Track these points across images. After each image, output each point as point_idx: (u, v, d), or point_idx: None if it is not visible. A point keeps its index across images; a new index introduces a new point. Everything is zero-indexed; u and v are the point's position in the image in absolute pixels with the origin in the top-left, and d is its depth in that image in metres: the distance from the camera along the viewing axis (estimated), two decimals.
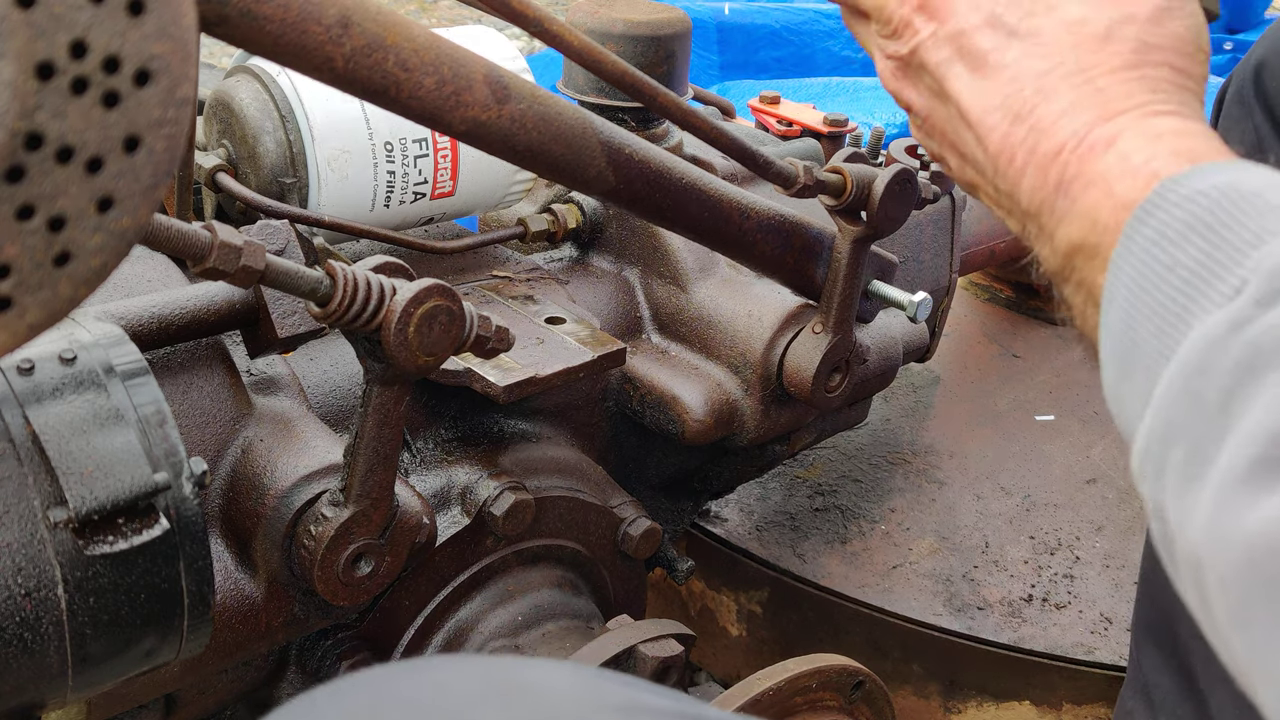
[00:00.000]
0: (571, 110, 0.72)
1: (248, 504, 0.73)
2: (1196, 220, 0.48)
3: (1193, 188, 0.49)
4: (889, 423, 1.53)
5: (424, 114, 0.64)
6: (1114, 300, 0.51)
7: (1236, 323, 0.44)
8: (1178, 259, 0.48)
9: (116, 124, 0.40)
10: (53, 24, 0.37)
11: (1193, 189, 0.49)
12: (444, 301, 0.66)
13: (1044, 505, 1.39)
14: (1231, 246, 0.46)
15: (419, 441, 0.91)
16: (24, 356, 0.59)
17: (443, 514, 0.88)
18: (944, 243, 1.29)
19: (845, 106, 2.33)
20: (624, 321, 1.05)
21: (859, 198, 0.87)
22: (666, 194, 0.79)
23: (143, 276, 0.78)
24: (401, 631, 0.89)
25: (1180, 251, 0.48)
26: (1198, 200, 0.49)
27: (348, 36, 0.58)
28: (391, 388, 0.69)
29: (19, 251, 0.39)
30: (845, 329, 0.95)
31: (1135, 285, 0.49)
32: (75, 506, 0.56)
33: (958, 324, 1.76)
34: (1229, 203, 0.48)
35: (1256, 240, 0.46)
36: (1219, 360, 0.44)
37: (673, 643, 0.88)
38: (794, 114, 1.35)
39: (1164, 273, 0.48)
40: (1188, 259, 0.47)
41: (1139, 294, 0.49)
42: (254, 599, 0.74)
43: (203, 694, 0.83)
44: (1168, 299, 0.47)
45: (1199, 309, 0.46)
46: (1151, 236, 0.49)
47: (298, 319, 0.74)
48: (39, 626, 0.57)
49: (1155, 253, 0.49)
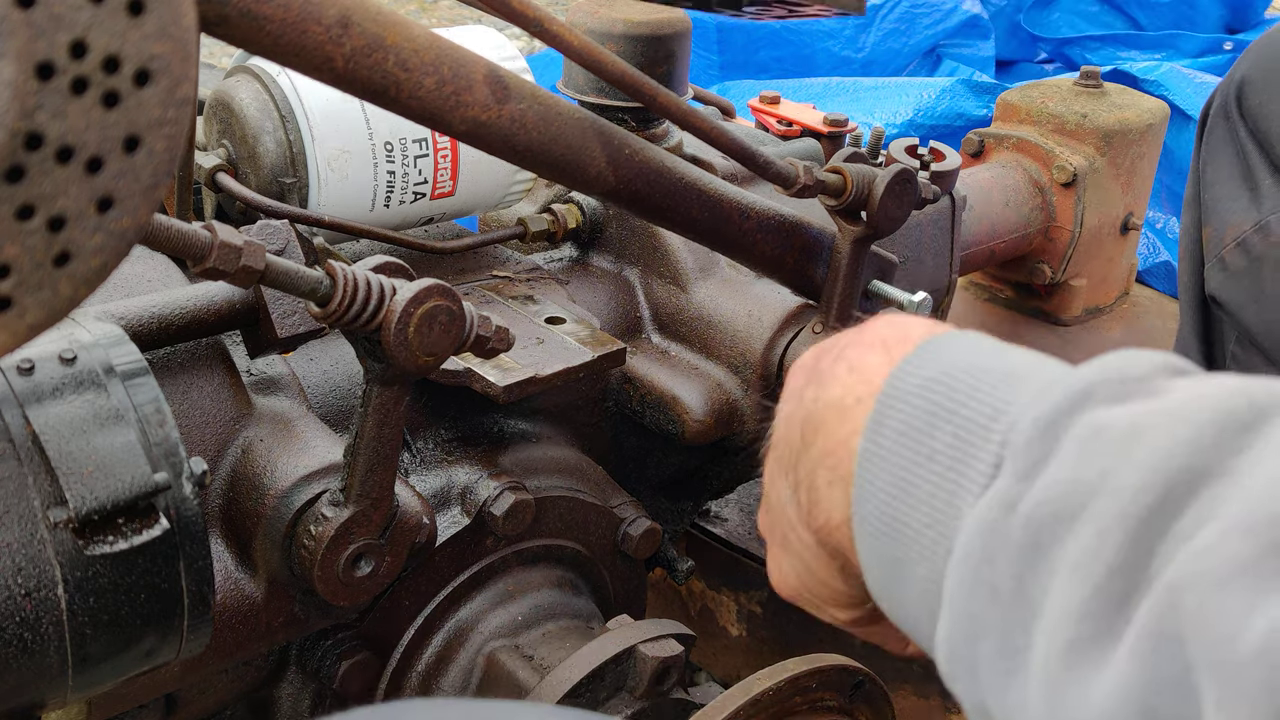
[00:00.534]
0: (571, 110, 0.72)
1: (248, 504, 0.73)
2: (938, 407, 0.48)
3: (923, 375, 0.50)
4: None
5: (424, 114, 0.64)
6: (869, 495, 0.50)
7: (1007, 503, 0.44)
8: (933, 448, 0.48)
9: (116, 124, 0.40)
10: (53, 24, 0.37)
11: (924, 376, 0.50)
12: (444, 301, 0.66)
13: None
14: (977, 425, 0.47)
15: (419, 441, 0.91)
16: (24, 356, 0.59)
17: (443, 514, 0.88)
18: (944, 243, 1.29)
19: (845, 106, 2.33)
20: (624, 321, 1.05)
21: (859, 198, 0.87)
22: (666, 194, 0.79)
23: (143, 276, 0.78)
24: (401, 631, 0.89)
25: (932, 440, 0.48)
26: (933, 388, 0.49)
27: (348, 36, 0.58)
28: (391, 388, 0.69)
29: (19, 251, 0.39)
30: (846, 329, 0.95)
31: (894, 479, 0.49)
32: (75, 506, 0.56)
33: (958, 324, 1.75)
34: (960, 382, 0.48)
35: (995, 413, 0.46)
36: (1002, 546, 0.43)
37: (673, 643, 0.88)
38: (794, 114, 1.35)
39: (924, 462, 0.48)
40: (942, 445, 0.47)
41: (900, 487, 0.49)
42: (254, 599, 0.74)
43: (203, 694, 0.83)
44: (933, 488, 0.47)
45: (965, 493, 0.46)
46: (899, 429, 0.50)
47: (298, 319, 0.74)
48: (39, 626, 0.57)
49: (908, 444, 0.49)
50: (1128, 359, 0.45)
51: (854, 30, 2.83)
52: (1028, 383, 0.47)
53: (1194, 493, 0.37)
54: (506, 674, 0.88)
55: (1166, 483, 0.38)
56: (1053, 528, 0.41)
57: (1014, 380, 0.47)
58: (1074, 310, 1.77)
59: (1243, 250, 1.00)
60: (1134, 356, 0.45)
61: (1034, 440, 0.44)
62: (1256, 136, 0.97)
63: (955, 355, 0.50)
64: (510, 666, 0.88)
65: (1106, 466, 0.40)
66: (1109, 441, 0.41)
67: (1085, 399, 0.44)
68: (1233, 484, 0.37)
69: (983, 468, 0.45)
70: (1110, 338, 1.77)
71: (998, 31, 3.02)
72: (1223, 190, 0.99)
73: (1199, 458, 0.38)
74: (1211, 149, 1.01)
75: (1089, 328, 1.78)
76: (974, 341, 0.51)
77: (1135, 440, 0.40)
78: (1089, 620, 0.38)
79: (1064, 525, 0.41)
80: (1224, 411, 0.39)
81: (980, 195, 1.58)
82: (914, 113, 2.34)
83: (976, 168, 1.67)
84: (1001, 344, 0.51)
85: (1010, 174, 1.65)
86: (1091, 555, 0.39)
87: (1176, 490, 0.38)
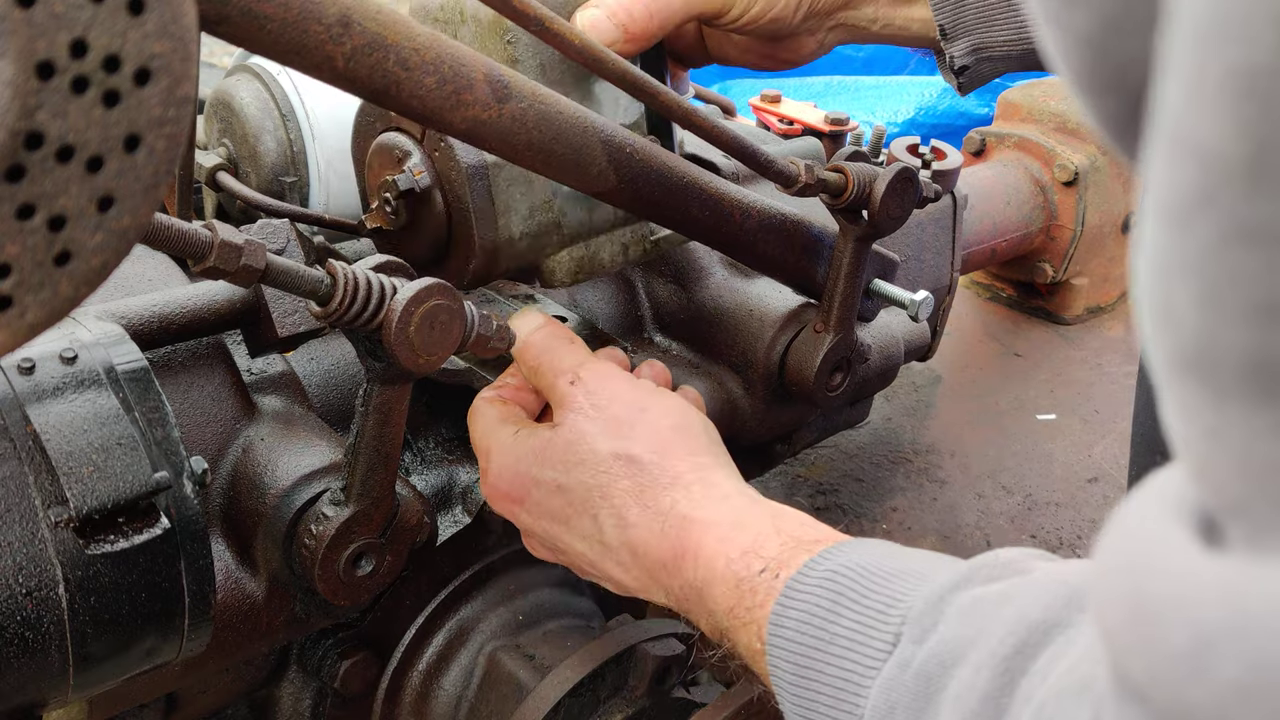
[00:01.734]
0: (572, 109, 0.72)
1: (248, 503, 0.73)
2: (840, 597, 0.58)
3: (823, 570, 0.60)
4: (890, 422, 1.53)
5: (424, 113, 0.64)
6: (779, 672, 0.60)
7: (904, 663, 0.53)
8: (835, 632, 0.57)
9: (117, 123, 0.40)
10: (53, 23, 0.37)
11: (824, 571, 0.60)
12: (445, 300, 0.66)
13: (1045, 504, 1.39)
14: (876, 611, 0.56)
15: (420, 440, 0.90)
16: (25, 355, 0.59)
17: (444, 513, 0.88)
18: (945, 241, 1.29)
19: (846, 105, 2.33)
20: (625, 320, 1.05)
21: (860, 196, 0.87)
22: (667, 193, 0.79)
23: (143, 275, 0.78)
24: (403, 631, 0.89)
25: (834, 626, 0.57)
26: (835, 580, 0.59)
27: (348, 35, 0.58)
28: (392, 387, 0.69)
29: (19, 251, 0.39)
30: (846, 328, 0.95)
31: (798, 662, 0.58)
32: (76, 506, 0.56)
33: (959, 323, 1.76)
34: (860, 579, 0.58)
35: (893, 601, 0.56)
36: (900, 697, 0.52)
37: (674, 642, 0.88)
38: (795, 112, 1.35)
39: (826, 645, 0.57)
40: (843, 630, 0.57)
41: (805, 670, 0.58)
42: (255, 598, 0.74)
43: (204, 693, 0.83)
44: (836, 669, 0.56)
45: (866, 669, 0.55)
46: (801, 618, 0.59)
47: (298, 318, 0.74)
48: (40, 626, 0.57)
49: (810, 630, 0.58)
50: (1001, 552, 0.56)
51: None
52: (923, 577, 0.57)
53: (1049, 639, 0.46)
54: (507, 673, 0.88)
55: (1028, 630, 0.47)
56: (939, 676, 0.50)
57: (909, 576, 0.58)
58: (1075, 309, 1.77)
59: None
60: (1007, 551, 0.56)
61: (925, 613, 0.53)
62: None
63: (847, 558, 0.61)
64: (511, 666, 0.88)
65: (982, 625, 0.50)
66: (985, 606, 0.51)
67: (967, 580, 0.54)
68: (1079, 632, 0.45)
69: (882, 645, 0.55)
70: (1112, 337, 1.77)
71: None
72: None
73: (1052, 613, 0.47)
74: None
75: (1090, 327, 1.78)
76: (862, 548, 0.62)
77: (1005, 603, 0.50)
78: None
79: (948, 670, 0.50)
80: (1073, 584, 0.48)
81: (982, 194, 1.58)
82: (915, 111, 2.34)
83: (978, 166, 1.67)
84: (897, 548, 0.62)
85: (1012, 173, 1.65)
86: (968, 687, 0.47)
87: (1034, 636, 0.46)
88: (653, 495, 0.71)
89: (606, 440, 0.74)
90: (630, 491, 0.72)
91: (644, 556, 0.70)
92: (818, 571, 0.60)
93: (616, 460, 0.73)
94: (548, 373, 0.79)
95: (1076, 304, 1.76)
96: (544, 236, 0.82)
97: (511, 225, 0.80)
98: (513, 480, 0.76)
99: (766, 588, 0.62)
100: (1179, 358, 0.27)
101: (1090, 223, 1.66)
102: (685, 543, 0.68)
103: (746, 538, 0.66)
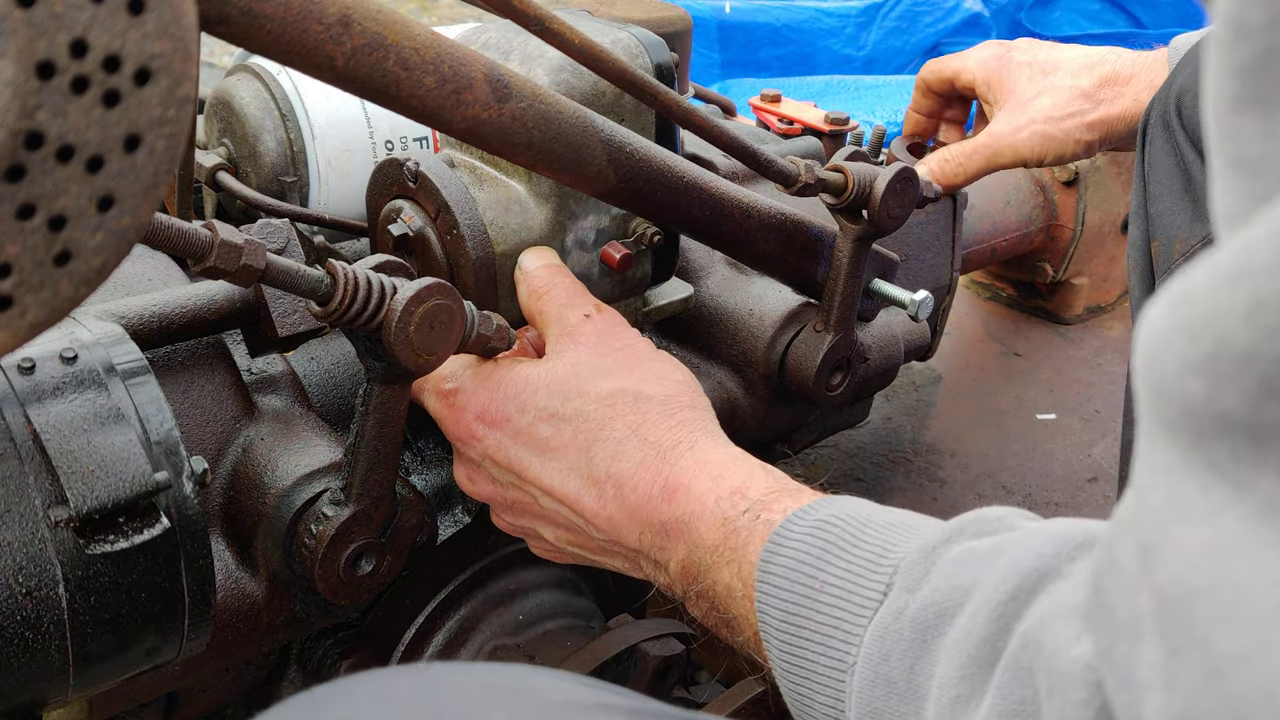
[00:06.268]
0: (572, 109, 0.72)
1: (248, 503, 0.73)
2: (831, 545, 0.58)
3: (812, 519, 0.60)
4: (890, 421, 1.53)
5: (424, 113, 0.64)
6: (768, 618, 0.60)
7: (897, 611, 0.53)
8: (825, 580, 0.57)
9: (117, 123, 0.40)
10: (53, 23, 0.37)
11: (813, 520, 0.60)
12: (445, 300, 0.66)
13: (1045, 504, 1.39)
14: (867, 561, 0.57)
15: (420, 440, 0.90)
16: (25, 355, 0.59)
17: (444, 513, 0.88)
18: (945, 241, 1.29)
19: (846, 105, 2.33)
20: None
21: (860, 196, 0.87)
22: (667, 192, 0.79)
23: (143, 275, 0.78)
24: (403, 630, 0.89)
25: (823, 573, 0.58)
26: (825, 529, 0.59)
27: (348, 35, 0.58)
28: (392, 386, 0.69)
29: (20, 251, 0.39)
30: (847, 327, 0.95)
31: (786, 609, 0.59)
32: (76, 505, 0.56)
33: (959, 322, 1.76)
34: (850, 527, 0.59)
35: (884, 551, 0.57)
36: (895, 644, 0.53)
37: (674, 642, 0.88)
38: (795, 112, 1.35)
39: (815, 594, 0.58)
40: (833, 578, 0.57)
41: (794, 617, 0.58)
42: (255, 598, 0.74)
43: (204, 692, 0.83)
44: (826, 616, 0.57)
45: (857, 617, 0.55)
46: (789, 564, 0.59)
47: (298, 318, 0.74)
48: (40, 625, 0.57)
49: (799, 578, 0.59)
50: (988, 509, 0.57)
51: (855, 28, 2.83)
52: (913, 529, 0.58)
53: (1041, 586, 0.48)
54: None
55: (1020, 578, 0.48)
56: (936, 624, 0.51)
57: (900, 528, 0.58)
58: (1076, 309, 1.77)
59: None
60: (994, 509, 0.57)
61: (917, 563, 0.54)
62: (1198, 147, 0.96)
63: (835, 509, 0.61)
64: None
65: (977, 574, 0.51)
66: (978, 558, 0.52)
67: (959, 533, 0.55)
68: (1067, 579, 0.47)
69: (873, 594, 0.55)
70: (1112, 337, 1.77)
71: (999, 30, 3.02)
72: (1166, 203, 0.99)
73: (1044, 561, 0.48)
74: (1152, 161, 1.01)
75: (1090, 327, 1.78)
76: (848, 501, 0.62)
77: (997, 554, 0.51)
78: (966, 681, 0.48)
79: (946, 620, 0.51)
80: (1063, 535, 0.49)
81: (982, 194, 1.58)
82: None
83: None
84: None
85: (1012, 172, 1.65)
86: (965, 633, 0.49)
87: (1028, 583, 0.48)
88: (654, 431, 0.71)
89: (613, 377, 0.74)
90: (631, 426, 0.72)
91: (630, 491, 0.70)
92: (807, 520, 0.61)
93: (623, 395, 0.73)
94: (559, 301, 0.78)
95: (1076, 304, 1.76)
96: None
97: (513, 309, 0.82)
98: (489, 401, 0.74)
99: (748, 529, 0.63)
100: None
101: (1090, 222, 1.66)
102: (679, 477, 0.68)
103: (737, 477, 0.67)
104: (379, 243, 0.82)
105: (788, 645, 0.58)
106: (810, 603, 0.57)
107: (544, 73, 0.79)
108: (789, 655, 0.58)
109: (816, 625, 0.57)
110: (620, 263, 0.84)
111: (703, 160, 1.08)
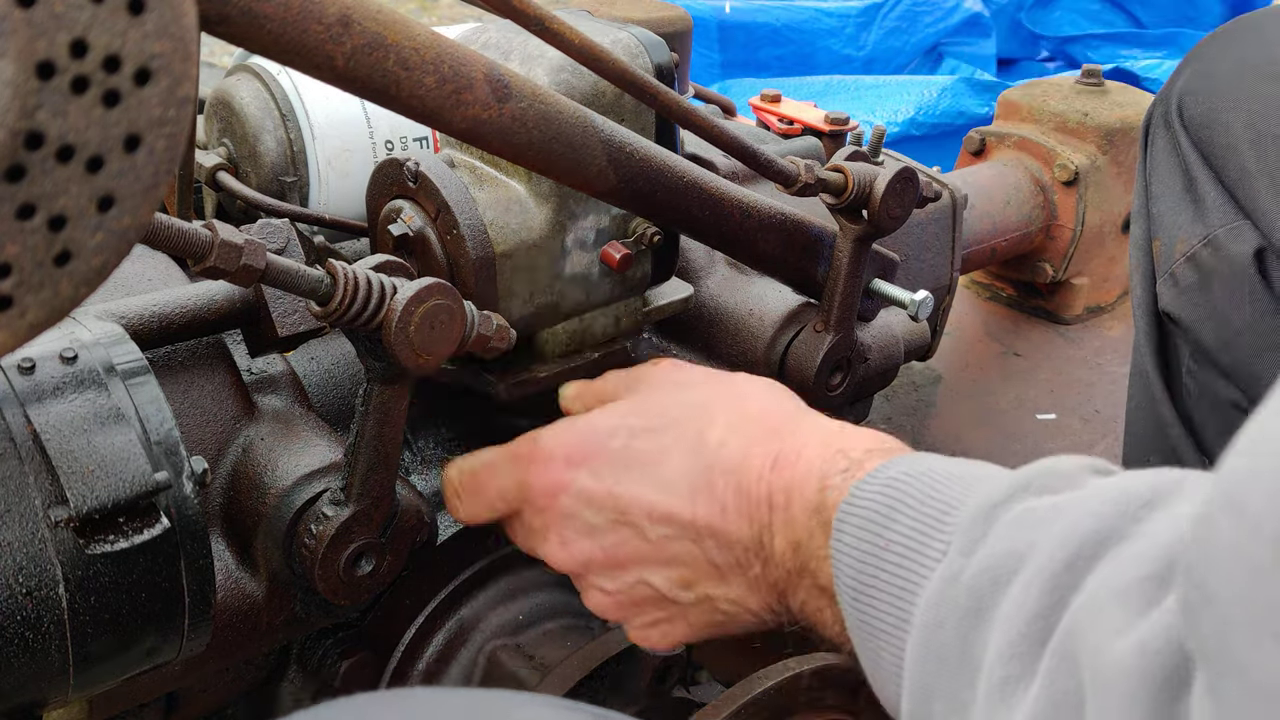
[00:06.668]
0: (572, 109, 0.72)
1: (248, 503, 0.73)
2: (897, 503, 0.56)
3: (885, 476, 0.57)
4: (890, 421, 1.53)
5: (424, 113, 0.64)
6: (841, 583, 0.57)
7: (951, 576, 0.50)
8: (890, 538, 0.55)
9: (117, 123, 0.40)
10: (53, 23, 0.37)
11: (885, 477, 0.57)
12: (445, 300, 0.66)
13: None
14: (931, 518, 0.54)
15: (420, 440, 0.91)
16: (25, 355, 0.59)
17: (444, 513, 0.88)
18: (945, 241, 1.29)
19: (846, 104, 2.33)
20: None
21: (860, 196, 0.87)
22: (667, 192, 0.79)
23: (143, 275, 0.78)
24: (403, 631, 0.89)
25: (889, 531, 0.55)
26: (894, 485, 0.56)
27: (348, 35, 0.58)
28: (392, 386, 0.69)
29: (19, 251, 0.39)
30: (846, 327, 0.95)
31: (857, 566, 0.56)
32: (76, 505, 0.56)
33: (959, 322, 1.76)
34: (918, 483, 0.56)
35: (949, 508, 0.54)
36: (950, 612, 0.50)
37: None
38: (795, 112, 1.35)
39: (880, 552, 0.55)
40: (898, 536, 0.54)
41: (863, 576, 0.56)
42: (255, 598, 0.74)
43: (204, 692, 0.83)
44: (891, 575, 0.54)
45: (920, 577, 0.53)
46: (859, 523, 0.57)
47: (298, 318, 0.74)
48: (40, 625, 0.57)
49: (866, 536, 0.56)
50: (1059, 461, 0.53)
51: (855, 28, 2.83)
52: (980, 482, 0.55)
53: (1101, 553, 0.44)
54: (507, 673, 0.88)
55: (1079, 544, 0.45)
56: (990, 592, 0.48)
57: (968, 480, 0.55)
58: (1076, 309, 1.77)
59: (1193, 265, 0.99)
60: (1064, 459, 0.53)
61: (974, 523, 0.51)
62: (1200, 147, 0.96)
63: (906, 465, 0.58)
64: (511, 666, 0.88)
65: (1033, 539, 0.47)
66: (1036, 520, 0.48)
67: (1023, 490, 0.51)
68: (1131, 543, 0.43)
69: (934, 554, 0.53)
70: (1112, 337, 1.77)
71: (999, 30, 3.02)
72: (1168, 203, 0.99)
73: (1104, 524, 0.45)
74: (1154, 160, 1.01)
75: (1090, 327, 1.78)
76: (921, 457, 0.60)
77: (1056, 516, 0.47)
78: (1016, 660, 0.44)
79: (1000, 588, 0.47)
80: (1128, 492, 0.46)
81: (981, 194, 1.58)
82: (915, 111, 2.34)
83: (978, 166, 1.67)
84: None
85: (1012, 172, 1.65)
86: (1017, 606, 0.45)
87: (1086, 549, 0.44)
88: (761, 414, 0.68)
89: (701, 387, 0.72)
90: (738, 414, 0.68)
91: (744, 473, 0.65)
92: (881, 477, 0.58)
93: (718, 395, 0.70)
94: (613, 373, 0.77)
95: (1076, 304, 1.76)
96: (541, 317, 0.84)
97: (512, 309, 0.81)
98: (577, 440, 0.71)
99: (839, 489, 0.60)
100: None
101: (1090, 222, 1.66)
102: (792, 445, 0.65)
103: (844, 440, 0.64)
104: (379, 243, 0.82)
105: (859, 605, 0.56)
106: (877, 561, 0.55)
107: (544, 73, 0.79)
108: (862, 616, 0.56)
109: (883, 584, 0.54)
110: (620, 263, 0.84)
111: (703, 160, 1.08)
